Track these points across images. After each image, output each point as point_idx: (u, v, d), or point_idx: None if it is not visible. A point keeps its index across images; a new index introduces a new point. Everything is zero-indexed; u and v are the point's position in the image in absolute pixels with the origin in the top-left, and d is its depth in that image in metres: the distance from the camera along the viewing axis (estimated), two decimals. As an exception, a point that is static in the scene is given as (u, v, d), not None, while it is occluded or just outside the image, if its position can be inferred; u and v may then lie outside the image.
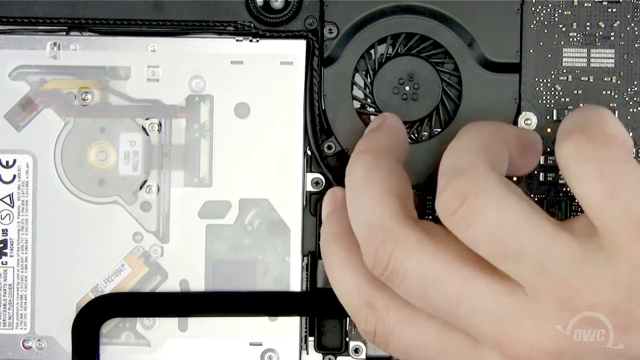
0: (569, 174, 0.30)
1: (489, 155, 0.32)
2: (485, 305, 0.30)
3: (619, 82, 0.39)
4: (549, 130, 0.39)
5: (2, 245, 0.39)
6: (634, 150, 0.39)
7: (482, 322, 0.31)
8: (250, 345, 0.39)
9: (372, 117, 0.39)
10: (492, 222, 0.30)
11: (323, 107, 0.39)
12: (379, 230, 0.32)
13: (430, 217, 0.39)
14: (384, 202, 0.33)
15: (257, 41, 0.39)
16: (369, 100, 0.39)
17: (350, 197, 0.34)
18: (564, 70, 0.39)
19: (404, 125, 0.37)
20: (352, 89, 0.39)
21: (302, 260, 0.39)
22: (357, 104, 0.39)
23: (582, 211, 0.31)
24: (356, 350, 0.40)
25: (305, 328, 0.39)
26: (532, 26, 0.39)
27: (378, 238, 0.32)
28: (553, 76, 0.39)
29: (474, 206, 0.30)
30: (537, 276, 0.29)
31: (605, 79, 0.39)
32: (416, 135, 0.39)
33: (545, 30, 0.39)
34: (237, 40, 0.39)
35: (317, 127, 0.39)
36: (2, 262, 0.39)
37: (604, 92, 0.39)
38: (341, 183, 0.38)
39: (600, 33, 0.39)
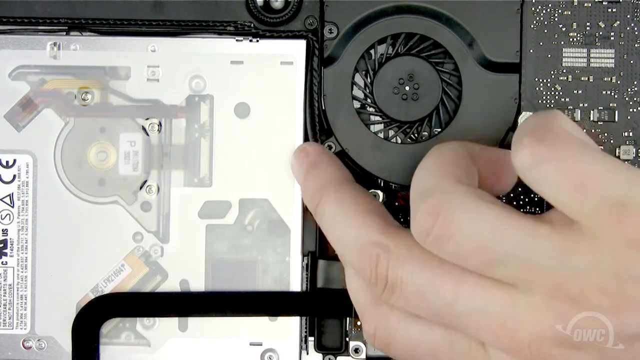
0: (530, 179, 0.30)
1: (454, 170, 0.32)
2: (480, 303, 0.31)
3: (619, 82, 0.39)
4: (549, 130, 0.39)
5: (2, 245, 0.39)
6: (634, 150, 0.39)
7: (479, 319, 0.31)
8: (250, 345, 0.39)
9: (372, 117, 0.39)
10: (469, 232, 0.30)
11: (323, 107, 0.39)
12: (370, 246, 0.33)
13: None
14: (366, 222, 0.33)
15: (257, 41, 0.39)
16: (369, 100, 0.39)
17: (332, 232, 0.34)
18: (564, 70, 0.39)
19: (329, 150, 0.38)
20: (352, 89, 0.39)
21: (302, 260, 0.39)
22: (357, 104, 0.39)
23: None
24: (356, 350, 0.40)
25: (305, 328, 0.39)
26: (532, 26, 0.39)
27: (372, 254, 0.32)
28: (553, 76, 0.39)
29: (448, 222, 0.30)
30: (525, 274, 0.30)
31: (605, 79, 0.39)
32: (416, 135, 0.39)
33: (545, 30, 0.39)
34: (237, 40, 0.39)
35: (317, 127, 0.39)
36: (2, 262, 0.39)
37: (604, 92, 0.39)
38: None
39: (600, 33, 0.39)
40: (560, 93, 0.39)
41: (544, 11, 0.39)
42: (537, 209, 0.39)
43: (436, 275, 0.31)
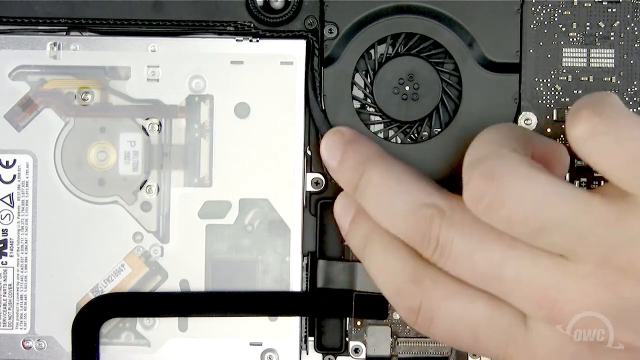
0: (586, 151, 0.30)
1: (510, 142, 0.33)
2: (527, 270, 0.31)
3: (619, 82, 0.39)
4: (548, 130, 0.39)
5: (2, 245, 0.39)
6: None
7: (524, 287, 0.31)
8: (250, 345, 0.39)
9: (372, 117, 0.39)
10: (523, 198, 0.30)
11: (323, 107, 0.39)
12: (424, 208, 0.33)
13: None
14: (419, 186, 0.34)
15: (257, 41, 0.39)
16: (369, 100, 0.39)
17: (380, 198, 0.34)
18: (564, 70, 0.39)
19: None
20: (352, 89, 0.39)
21: (302, 260, 0.39)
22: (357, 104, 0.39)
23: None
24: (356, 350, 0.40)
25: (305, 328, 0.39)
26: (532, 26, 0.39)
27: (427, 215, 0.33)
28: (553, 76, 0.39)
29: (503, 186, 0.30)
30: (575, 243, 0.30)
31: (605, 79, 0.39)
32: (416, 135, 0.39)
33: (545, 30, 0.39)
34: (237, 40, 0.39)
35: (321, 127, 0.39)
36: (2, 262, 0.39)
37: (604, 92, 0.39)
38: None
39: (600, 33, 0.39)
40: (560, 93, 0.39)
41: (544, 11, 0.39)
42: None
43: (487, 240, 0.32)
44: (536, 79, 0.39)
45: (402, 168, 0.35)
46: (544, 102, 0.39)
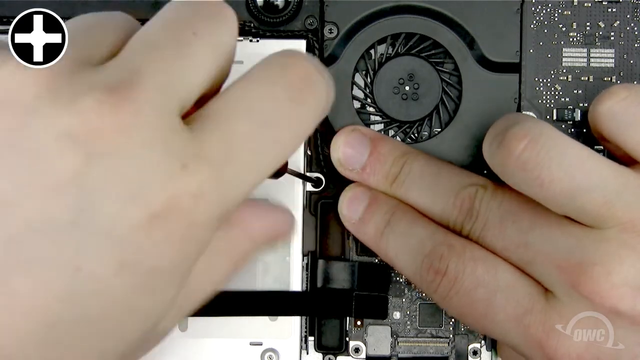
0: (617, 123, 0.32)
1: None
2: (552, 235, 0.32)
3: (618, 82, 0.39)
4: (549, 130, 0.39)
5: (2, 245, 0.39)
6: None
7: (547, 251, 0.32)
8: (250, 345, 0.39)
9: (372, 116, 0.39)
10: (558, 158, 0.31)
11: (323, 107, 0.39)
12: (469, 187, 0.35)
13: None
14: (456, 171, 0.36)
15: (257, 41, 0.39)
16: (369, 100, 0.39)
17: (424, 181, 0.36)
18: (564, 70, 0.39)
19: None
20: (352, 89, 0.39)
21: (302, 260, 0.39)
22: (357, 104, 0.39)
23: None
24: (356, 350, 0.40)
25: (305, 328, 0.39)
26: (532, 26, 0.39)
27: (471, 192, 0.35)
28: (553, 76, 0.39)
29: (539, 146, 0.31)
30: (603, 207, 0.31)
31: (605, 78, 0.39)
32: (416, 135, 0.39)
33: (545, 30, 0.39)
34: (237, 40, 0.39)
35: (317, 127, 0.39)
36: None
37: (604, 92, 0.39)
38: (340, 183, 0.38)
39: (600, 33, 0.39)
40: (560, 93, 0.39)
41: (544, 11, 0.39)
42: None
43: (520, 209, 0.33)
44: (536, 79, 0.39)
45: (436, 158, 0.37)
46: (544, 102, 0.39)
